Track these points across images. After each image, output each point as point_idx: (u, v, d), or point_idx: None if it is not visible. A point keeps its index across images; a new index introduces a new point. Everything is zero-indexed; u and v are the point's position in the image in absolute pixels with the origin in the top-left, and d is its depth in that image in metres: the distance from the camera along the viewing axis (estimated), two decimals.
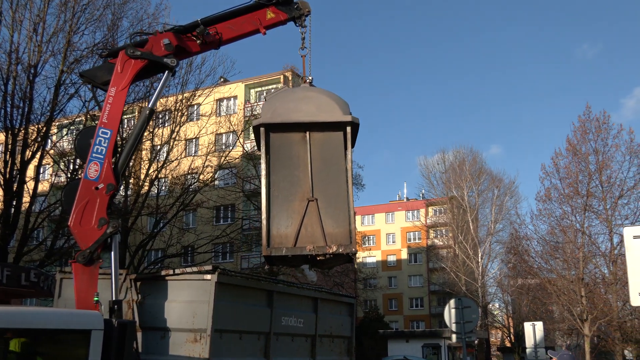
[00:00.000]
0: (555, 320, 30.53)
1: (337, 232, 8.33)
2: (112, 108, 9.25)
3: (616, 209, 22.57)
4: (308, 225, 8.39)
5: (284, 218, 8.47)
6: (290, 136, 8.74)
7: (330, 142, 8.64)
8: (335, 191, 8.46)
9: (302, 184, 8.54)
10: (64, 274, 9.68)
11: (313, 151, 8.63)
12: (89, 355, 7.00)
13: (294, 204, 8.49)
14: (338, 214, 8.34)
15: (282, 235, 8.40)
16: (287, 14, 9.91)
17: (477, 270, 48.09)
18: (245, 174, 39.80)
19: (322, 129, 8.65)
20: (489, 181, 53.74)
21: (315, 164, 8.57)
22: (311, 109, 8.71)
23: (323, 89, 9.20)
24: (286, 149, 8.73)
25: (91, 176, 8.85)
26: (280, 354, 10.13)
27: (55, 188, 27.88)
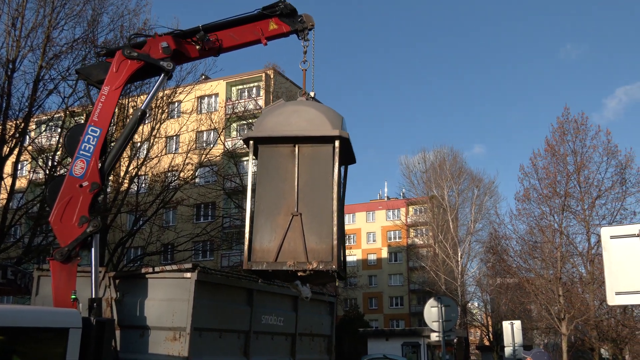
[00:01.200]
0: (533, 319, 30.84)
1: (319, 249, 8.17)
2: (103, 107, 9.21)
3: (594, 209, 22.85)
4: (291, 240, 8.27)
5: (268, 232, 8.36)
6: (279, 149, 8.67)
7: (319, 156, 8.51)
8: (320, 206, 8.31)
9: (287, 198, 8.43)
10: (41, 271, 9.60)
11: (301, 165, 8.52)
12: (67, 354, 6.94)
13: (278, 217, 8.39)
14: (322, 230, 8.18)
15: (264, 250, 8.29)
16: (290, 27, 9.80)
17: (456, 269, 48.39)
18: (226, 171, 39.69)
19: (311, 142, 8.54)
20: (469, 181, 54.09)
21: (302, 178, 8.46)
22: (301, 122, 8.61)
23: (317, 103, 9.13)
24: (274, 163, 8.66)
25: (76, 173, 8.80)
26: (260, 352, 10.13)
27: (34, 185, 27.62)
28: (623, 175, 22.99)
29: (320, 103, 9.19)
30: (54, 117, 25.82)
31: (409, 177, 58.48)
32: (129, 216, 32.34)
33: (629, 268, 7.18)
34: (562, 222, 21.82)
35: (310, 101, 9.21)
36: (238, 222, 38.20)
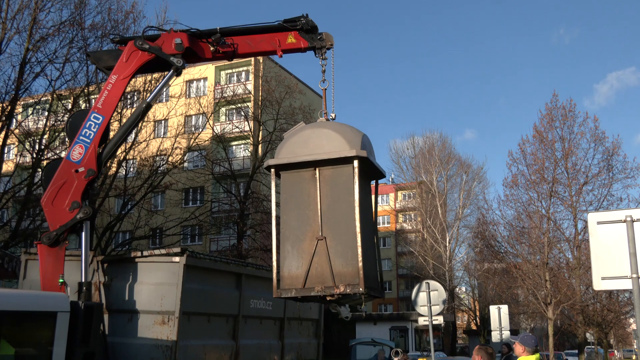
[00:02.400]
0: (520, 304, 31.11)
1: (345, 272, 8.09)
2: (109, 95, 9.19)
3: (581, 195, 23.00)
4: (317, 265, 8.21)
5: (295, 258, 8.33)
6: (300, 174, 8.56)
7: (340, 177, 8.37)
8: (344, 229, 8.18)
9: (311, 223, 8.35)
10: (29, 255, 9.57)
11: (322, 188, 8.41)
12: (55, 337, 6.95)
13: (304, 243, 8.33)
14: (347, 253, 8.07)
15: (292, 277, 8.28)
16: (308, 43, 9.69)
17: (444, 254, 48.67)
18: (214, 156, 39.59)
19: (330, 164, 8.42)
20: (458, 166, 54.26)
21: (324, 202, 8.36)
22: (319, 145, 8.47)
23: (336, 123, 8.97)
24: (297, 187, 8.56)
25: (74, 158, 8.79)
26: (248, 336, 10.17)
27: (20, 168, 27.44)
28: (610, 162, 23.17)
29: (340, 123, 9.10)
30: (41, 101, 25.60)
31: (398, 162, 58.66)
32: (117, 200, 32.23)
33: (615, 253, 7.26)
34: (549, 208, 21.98)
35: (329, 122, 9.07)
36: (227, 206, 38.19)
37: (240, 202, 35.50)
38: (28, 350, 6.97)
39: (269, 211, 35.02)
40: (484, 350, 7.03)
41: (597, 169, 23.18)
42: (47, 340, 6.94)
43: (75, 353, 7.18)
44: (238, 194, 36.49)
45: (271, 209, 8.68)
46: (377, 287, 8.63)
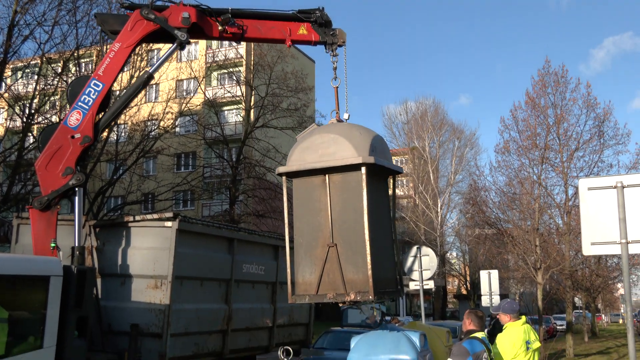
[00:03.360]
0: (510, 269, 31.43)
1: (356, 279, 8.10)
2: (111, 63, 9.10)
3: (572, 162, 23.08)
4: (330, 271, 8.25)
5: (308, 265, 8.37)
6: (311, 180, 8.52)
7: (349, 184, 8.30)
8: (354, 236, 8.15)
9: (323, 230, 8.36)
10: (21, 219, 9.57)
11: (332, 195, 8.36)
12: (48, 301, 6.99)
13: (316, 250, 8.36)
14: (357, 260, 8.06)
15: (306, 283, 8.34)
16: (320, 37, 9.52)
17: (436, 220, 48.95)
18: (206, 121, 39.38)
19: (339, 170, 8.34)
20: (450, 132, 54.23)
21: (334, 208, 8.33)
22: (327, 151, 8.40)
23: (346, 125, 8.88)
24: (309, 194, 8.54)
25: (71, 124, 8.75)
26: (241, 300, 10.26)
27: (10, 133, 27.25)
28: (601, 128, 23.20)
29: (350, 125, 8.99)
30: (31, 64, 25.31)
31: (391, 128, 58.55)
32: (108, 165, 32.13)
33: (605, 219, 7.31)
34: (540, 174, 22.05)
35: (339, 125, 8.96)
36: (219, 172, 38.14)
37: (232, 168, 35.45)
38: (22, 313, 7.01)
39: (261, 176, 35.19)
40: (474, 313, 7.11)
41: (589, 135, 23.25)
42: (41, 304, 6.97)
43: (69, 316, 7.23)
44: (230, 159, 36.43)
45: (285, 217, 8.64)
46: (393, 289, 8.64)
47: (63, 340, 7.12)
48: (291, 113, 36.30)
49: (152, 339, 8.51)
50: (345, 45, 9.54)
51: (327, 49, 9.55)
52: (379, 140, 8.70)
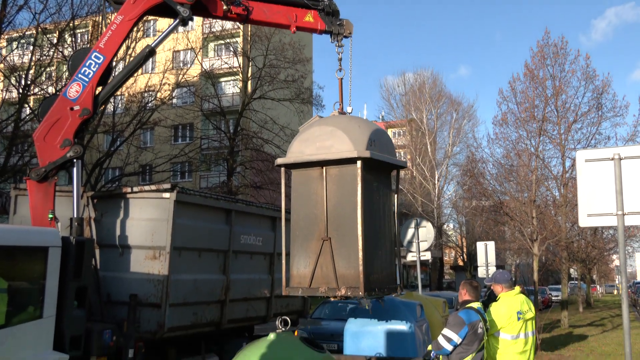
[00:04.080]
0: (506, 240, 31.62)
1: (348, 274, 8.07)
2: (112, 35, 9.02)
3: (569, 134, 23.05)
4: (323, 265, 8.22)
5: (303, 258, 8.36)
6: (309, 173, 8.47)
7: (345, 177, 8.21)
8: (348, 230, 8.10)
9: (318, 223, 8.31)
10: (18, 190, 9.57)
11: (329, 188, 8.32)
12: (47, 272, 7.02)
13: (311, 243, 8.33)
14: (350, 255, 8.02)
15: (300, 275, 8.33)
16: (326, 26, 9.34)
17: (433, 191, 49.05)
18: (203, 92, 39.19)
19: (337, 163, 8.27)
20: (448, 104, 54.07)
21: (330, 201, 8.28)
22: (325, 143, 8.30)
23: (346, 118, 8.80)
24: (306, 187, 8.48)
25: (70, 95, 8.72)
26: (239, 270, 10.32)
27: (7, 104, 27.09)
28: (599, 100, 23.14)
29: (350, 118, 8.88)
30: (26, 34, 25.07)
31: (389, 99, 58.32)
32: (105, 136, 32.04)
33: (601, 191, 7.34)
34: (538, 146, 22.02)
35: (340, 117, 8.88)
36: (216, 143, 38.07)
37: (229, 139, 35.38)
38: (21, 284, 7.05)
39: (259, 148, 35.13)
40: (469, 284, 7.17)
41: (587, 107, 23.18)
42: (40, 275, 7.01)
43: (68, 287, 7.27)
44: (227, 130, 36.33)
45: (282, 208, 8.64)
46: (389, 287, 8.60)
47: (62, 310, 7.17)
48: (289, 84, 36.13)
49: (151, 309, 8.58)
50: (351, 37, 9.40)
51: (333, 39, 9.40)
52: (378, 133, 8.62)
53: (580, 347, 18.58)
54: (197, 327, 9.49)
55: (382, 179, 8.82)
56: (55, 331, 7.07)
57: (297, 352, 7.18)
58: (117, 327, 8.01)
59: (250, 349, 7.29)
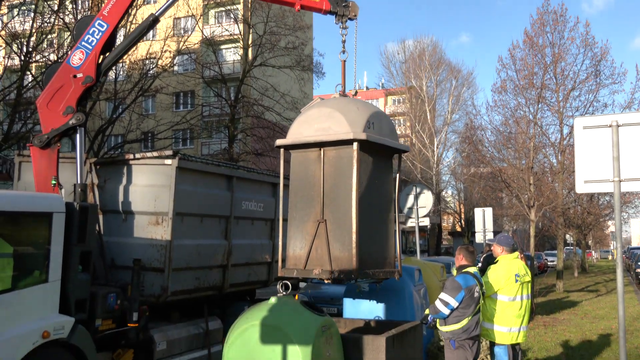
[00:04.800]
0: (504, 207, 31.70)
1: (342, 257, 8.02)
2: (116, 3, 8.96)
3: (567, 101, 22.93)
4: (318, 247, 8.17)
5: (299, 239, 8.32)
6: (308, 154, 8.40)
7: (341, 159, 8.14)
8: (342, 212, 8.02)
9: (315, 205, 8.25)
10: (22, 157, 9.56)
11: (326, 169, 8.23)
12: (52, 237, 7.06)
13: (307, 225, 8.28)
14: (344, 237, 7.95)
15: (296, 257, 8.30)
16: (331, 6, 9.11)
17: (432, 158, 49.05)
18: (204, 60, 38.91)
19: (334, 145, 8.18)
20: (448, 72, 53.75)
21: (327, 183, 8.20)
22: (323, 125, 8.20)
23: (345, 100, 8.64)
24: (305, 168, 8.42)
25: (73, 63, 8.68)
26: (240, 236, 10.36)
27: (9, 71, 26.93)
28: (598, 67, 22.97)
29: (349, 100, 8.69)
30: (26, 1, 24.80)
31: (389, 67, 57.95)
32: (107, 104, 31.92)
33: (599, 157, 7.33)
34: (536, 114, 21.91)
35: (340, 99, 8.72)
36: (217, 110, 37.93)
37: (230, 106, 35.24)
38: (26, 249, 7.09)
39: (260, 115, 35.01)
40: (466, 249, 7.21)
41: (585, 74, 23.00)
42: (45, 240, 7.05)
43: (72, 251, 7.31)
44: (228, 97, 36.16)
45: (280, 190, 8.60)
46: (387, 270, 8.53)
47: (67, 275, 7.23)
48: (289, 52, 35.86)
49: (155, 274, 8.64)
50: (356, 19, 9.24)
51: (337, 20, 9.21)
52: (378, 116, 8.50)
53: (574, 310, 18.78)
54: (199, 291, 9.56)
55: (382, 162, 8.73)
56: (61, 295, 7.13)
57: (298, 316, 7.25)
58: (122, 291, 8.08)
59: (252, 312, 7.36)
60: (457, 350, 6.66)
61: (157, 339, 8.65)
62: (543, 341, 12.73)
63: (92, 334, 7.52)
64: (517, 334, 7.29)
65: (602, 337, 13.13)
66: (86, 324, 7.47)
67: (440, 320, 6.84)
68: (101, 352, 7.88)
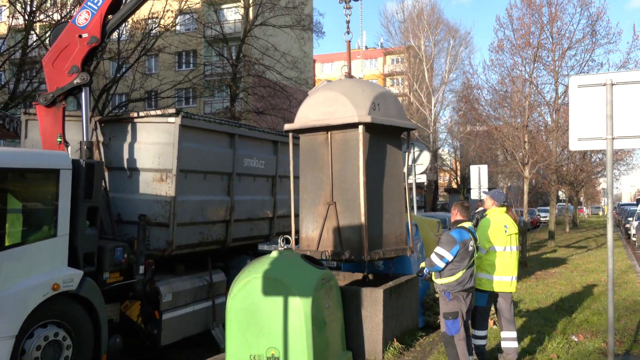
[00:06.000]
0: (499, 164, 31.67)
1: (352, 238, 8.04)
2: None
3: (563, 60, 22.71)
4: (329, 229, 8.19)
5: (311, 221, 8.33)
6: (315, 137, 8.36)
7: (348, 142, 8.08)
8: (351, 195, 8.02)
9: (325, 187, 8.24)
10: (28, 115, 9.51)
11: (334, 152, 8.20)
12: (59, 193, 7.07)
13: (318, 207, 8.28)
14: (353, 219, 7.95)
15: (309, 238, 8.34)
16: None
17: (429, 117, 48.86)
18: (206, 19, 38.39)
19: (341, 128, 8.12)
20: (446, 32, 53.13)
21: (335, 166, 8.18)
22: (329, 109, 8.16)
23: (350, 82, 8.53)
24: (313, 151, 8.38)
25: (79, 23, 8.57)
26: (242, 192, 10.39)
27: (14, 31, 26.60)
28: (594, 27, 22.67)
29: (355, 82, 8.56)
30: None
31: (387, 27, 57.26)
32: (111, 63, 31.63)
33: (592, 115, 7.29)
34: (532, 73, 21.69)
35: (345, 81, 8.61)
36: (219, 70, 37.61)
37: (232, 66, 34.92)
38: (35, 204, 7.11)
39: (261, 75, 34.71)
40: (461, 204, 7.24)
41: (581, 34, 22.75)
42: (52, 196, 7.07)
43: (80, 207, 7.34)
44: (230, 57, 35.81)
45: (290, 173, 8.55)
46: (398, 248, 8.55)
47: (75, 229, 7.27)
48: (289, 11, 35.35)
49: (160, 228, 8.68)
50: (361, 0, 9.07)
51: (341, 0, 9.06)
52: (383, 96, 8.38)
53: (565, 264, 18.95)
54: (203, 245, 9.63)
55: (390, 141, 8.67)
56: (70, 249, 7.18)
57: (298, 269, 7.32)
58: (128, 245, 8.13)
59: (254, 266, 7.42)
60: (452, 302, 6.74)
61: (163, 291, 8.75)
62: (534, 293, 12.88)
63: (101, 286, 7.60)
64: (510, 283, 7.39)
65: (591, 289, 13.29)
66: (94, 277, 7.54)
67: (435, 273, 6.90)
68: (109, 303, 7.98)
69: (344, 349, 7.64)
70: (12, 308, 6.33)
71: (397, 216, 8.75)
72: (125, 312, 8.47)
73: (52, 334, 6.78)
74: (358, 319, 7.84)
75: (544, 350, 7.97)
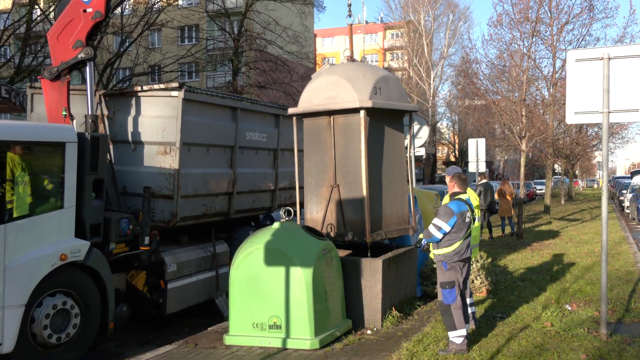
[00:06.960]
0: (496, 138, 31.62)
1: (355, 220, 8.06)
2: None
3: (561, 35, 22.53)
4: (332, 211, 8.22)
5: (315, 203, 8.36)
6: (318, 121, 8.32)
7: (350, 126, 8.05)
8: (353, 177, 8.03)
9: (328, 170, 8.24)
10: (34, 89, 9.47)
11: (336, 136, 8.18)
12: (65, 165, 7.08)
13: (322, 189, 8.28)
14: (356, 201, 7.97)
15: (313, 220, 8.37)
16: None
17: (428, 91, 48.66)
18: None
19: (343, 113, 8.07)
20: (445, 6, 52.68)
21: (338, 149, 8.16)
22: (331, 94, 8.11)
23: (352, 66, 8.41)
24: (316, 135, 8.36)
25: None
26: (244, 165, 10.38)
27: (18, 5, 26.37)
28: (592, 1, 22.45)
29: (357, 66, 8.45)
30: None
31: (387, 1, 56.65)
32: (115, 37, 31.39)
33: (589, 89, 7.26)
34: (530, 47, 21.51)
35: (347, 65, 8.52)
36: (221, 44, 37.35)
37: (234, 40, 34.66)
38: (42, 177, 7.11)
39: (262, 49, 34.46)
40: (458, 177, 7.24)
41: (579, 8, 22.54)
42: (59, 169, 7.07)
43: (85, 179, 7.34)
44: (232, 31, 35.52)
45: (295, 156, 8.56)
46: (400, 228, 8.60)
47: (82, 201, 7.28)
48: None
49: (164, 200, 8.70)
50: None
51: None
52: (385, 80, 8.32)
53: (560, 235, 19.02)
54: (207, 217, 9.65)
55: (392, 124, 8.64)
56: (76, 220, 7.20)
57: (300, 239, 7.35)
58: (134, 217, 8.16)
59: (256, 237, 7.46)
60: (449, 272, 6.78)
61: (168, 261, 8.80)
62: (529, 263, 12.95)
63: (107, 256, 7.64)
64: None
65: (585, 259, 13.35)
66: (101, 247, 7.58)
67: (433, 244, 6.93)
68: (116, 273, 8.03)
69: (344, 317, 7.72)
70: (22, 278, 6.37)
71: (399, 197, 8.79)
72: (132, 281, 8.53)
73: (60, 303, 6.84)
74: (358, 289, 7.90)
75: (538, 319, 8.04)
